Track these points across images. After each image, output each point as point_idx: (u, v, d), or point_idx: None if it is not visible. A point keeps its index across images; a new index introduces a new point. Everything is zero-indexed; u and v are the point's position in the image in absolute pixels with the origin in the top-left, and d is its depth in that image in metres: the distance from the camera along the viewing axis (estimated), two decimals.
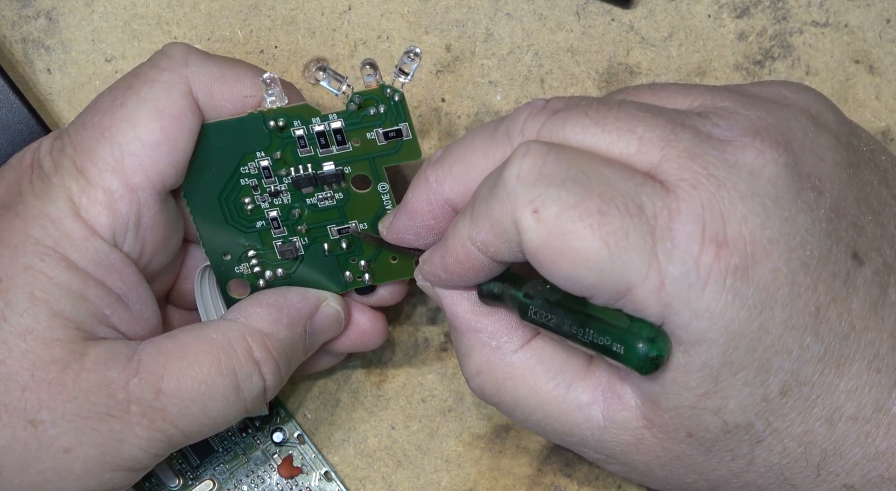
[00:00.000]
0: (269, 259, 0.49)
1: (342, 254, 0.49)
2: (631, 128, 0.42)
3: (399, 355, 0.54)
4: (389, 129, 0.46)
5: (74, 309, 0.45)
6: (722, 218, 0.41)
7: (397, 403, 0.54)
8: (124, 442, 0.45)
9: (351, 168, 0.47)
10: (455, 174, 0.45)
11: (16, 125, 0.52)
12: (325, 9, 0.54)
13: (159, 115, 0.45)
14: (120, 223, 0.45)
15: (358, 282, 0.49)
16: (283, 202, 0.48)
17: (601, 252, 0.41)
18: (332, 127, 0.46)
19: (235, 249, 0.49)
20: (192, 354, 0.46)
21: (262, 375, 0.47)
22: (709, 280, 0.41)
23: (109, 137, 0.45)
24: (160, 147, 0.45)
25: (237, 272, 0.49)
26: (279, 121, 0.46)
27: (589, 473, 0.53)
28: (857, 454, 0.43)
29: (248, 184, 0.48)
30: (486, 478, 0.53)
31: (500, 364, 0.45)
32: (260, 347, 0.47)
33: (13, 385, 0.44)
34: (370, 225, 0.48)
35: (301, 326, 0.48)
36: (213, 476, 0.52)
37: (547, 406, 0.45)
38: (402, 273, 0.49)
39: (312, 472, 0.53)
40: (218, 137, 0.47)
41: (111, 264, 0.46)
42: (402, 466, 0.53)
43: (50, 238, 0.45)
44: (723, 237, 0.41)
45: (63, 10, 0.54)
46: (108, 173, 0.45)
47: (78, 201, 0.45)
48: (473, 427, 0.53)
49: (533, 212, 0.41)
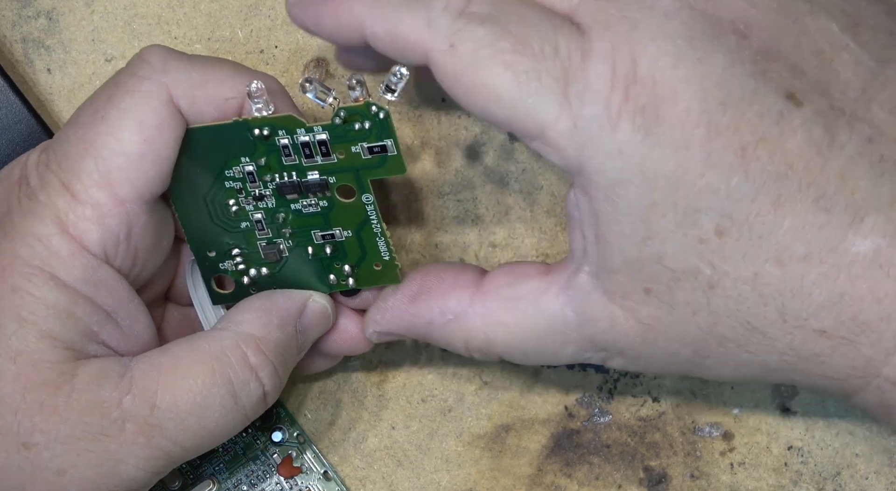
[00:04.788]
0: (253, 258, 0.49)
1: (326, 258, 0.49)
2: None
3: (399, 355, 0.54)
4: (374, 145, 0.46)
5: (64, 328, 0.45)
6: (632, 59, 0.41)
7: (397, 403, 0.54)
8: (121, 462, 0.45)
9: (335, 178, 0.47)
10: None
11: (16, 125, 0.52)
12: None
13: (141, 126, 0.45)
14: (110, 237, 0.45)
15: (342, 285, 0.49)
16: (268, 206, 0.48)
17: (513, 90, 0.42)
18: (317, 139, 0.46)
19: (220, 247, 0.49)
20: (184, 365, 0.46)
21: (260, 380, 0.47)
22: (619, 120, 0.41)
23: (93, 152, 0.45)
24: (145, 158, 0.45)
25: (222, 268, 0.49)
26: (264, 129, 0.46)
27: (589, 473, 0.53)
28: (821, 296, 0.42)
29: (232, 187, 0.47)
30: (486, 478, 0.53)
31: (469, 329, 0.47)
32: (254, 351, 0.47)
33: (5, 408, 0.44)
34: (354, 233, 0.48)
35: (291, 326, 0.48)
36: (213, 476, 0.52)
37: (532, 335, 0.46)
38: (386, 279, 0.49)
39: (312, 472, 0.53)
40: (203, 141, 0.46)
41: (100, 280, 0.45)
42: (402, 466, 0.53)
43: (37, 257, 0.45)
44: (632, 77, 0.41)
45: (63, 10, 0.54)
46: (94, 188, 0.45)
47: (65, 218, 0.45)
48: (473, 427, 0.53)
49: (450, 45, 0.42)
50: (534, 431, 0.53)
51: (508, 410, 0.53)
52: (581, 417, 0.53)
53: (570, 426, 0.53)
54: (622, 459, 0.53)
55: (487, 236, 0.53)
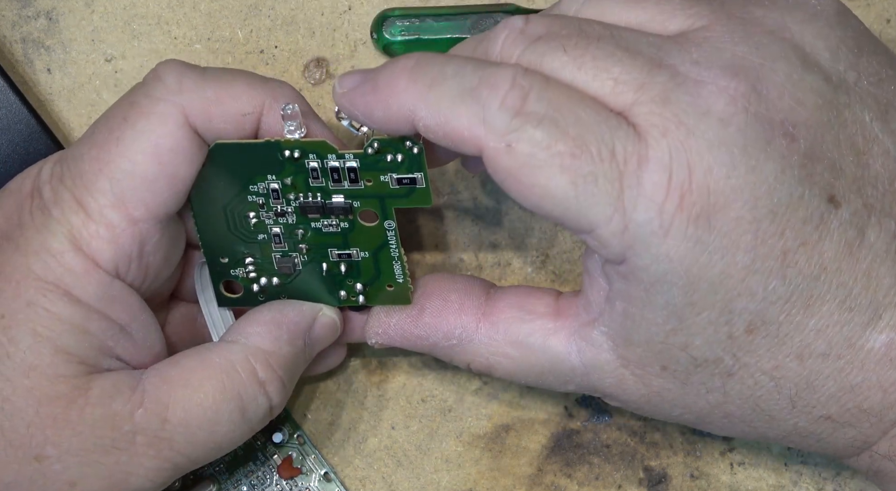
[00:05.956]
0: (266, 268, 0.49)
1: (340, 275, 0.49)
2: (607, 67, 0.42)
3: (399, 355, 0.54)
4: (404, 177, 0.47)
5: (78, 344, 0.45)
6: (688, 167, 0.41)
7: (397, 403, 0.54)
8: (131, 473, 0.45)
9: (360, 203, 0.47)
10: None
11: (16, 125, 0.52)
12: (325, 9, 0.54)
13: (157, 149, 0.45)
14: (123, 256, 0.45)
15: (352, 301, 0.49)
16: (288, 222, 0.48)
17: (568, 193, 0.42)
18: (347, 166, 0.46)
19: (234, 255, 0.49)
20: (196, 380, 0.46)
21: (268, 395, 0.47)
22: (671, 228, 0.41)
23: (108, 173, 0.45)
24: (159, 181, 0.45)
25: (233, 274, 0.49)
26: (295, 152, 0.46)
27: (589, 473, 0.53)
28: (832, 388, 0.43)
29: (255, 201, 0.47)
30: (486, 478, 0.53)
31: (473, 351, 0.47)
32: (264, 366, 0.47)
33: (18, 422, 0.45)
34: (371, 255, 0.48)
35: (301, 340, 0.48)
36: (213, 477, 0.52)
37: (535, 371, 0.47)
38: (398, 300, 0.49)
39: (312, 473, 0.53)
40: (232, 156, 0.47)
41: (113, 296, 0.46)
42: (402, 466, 0.53)
43: (52, 273, 0.45)
44: (687, 187, 0.41)
45: (63, 10, 0.54)
46: (108, 208, 0.45)
47: (79, 235, 0.45)
48: (473, 427, 0.53)
49: (506, 145, 0.42)
50: (534, 431, 0.53)
51: (508, 410, 0.53)
52: (581, 417, 0.53)
53: (570, 426, 0.53)
54: (622, 459, 0.53)
55: (488, 236, 0.53)
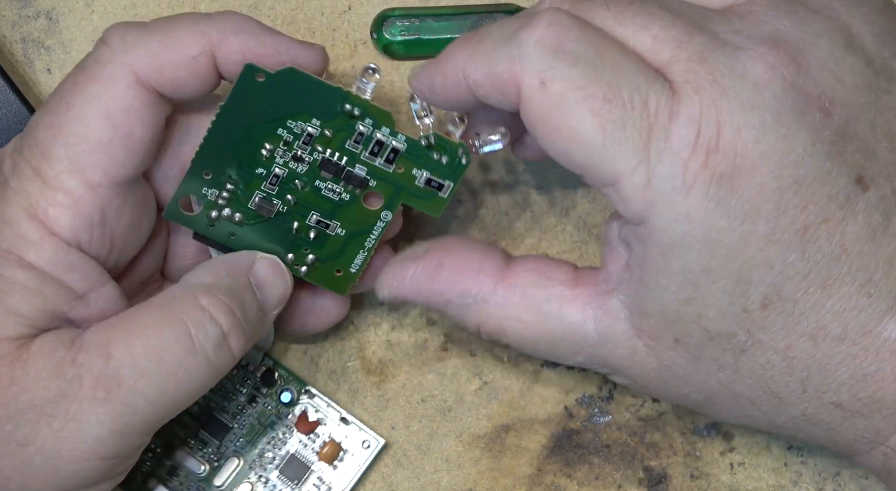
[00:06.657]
0: (239, 201, 0.48)
1: (303, 239, 0.49)
2: (647, 24, 0.43)
3: (399, 355, 0.54)
4: (434, 180, 0.47)
5: (30, 306, 0.45)
6: (717, 125, 0.41)
7: (397, 403, 0.54)
8: (83, 421, 0.44)
9: (376, 184, 0.47)
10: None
11: (16, 125, 0.52)
12: (325, 9, 0.54)
13: (109, 111, 0.45)
14: (83, 222, 0.45)
15: (294, 268, 0.49)
16: (297, 170, 0.48)
17: (595, 137, 0.42)
18: (394, 145, 0.47)
19: (219, 175, 0.48)
20: (135, 317, 0.46)
21: (215, 320, 0.46)
22: (693, 185, 0.41)
23: (62, 139, 0.45)
24: (114, 143, 0.45)
25: (203, 192, 0.48)
26: (356, 109, 0.46)
27: (589, 473, 0.53)
28: (844, 374, 0.43)
29: (281, 135, 0.47)
30: (486, 478, 0.53)
31: (487, 312, 0.47)
32: (205, 294, 0.46)
33: None
34: (346, 235, 0.48)
35: (243, 277, 0.48)
36: (237, 452, 0.53)
37: (547, 338, 0.46)
38: (336, 287, 0.49)
39: (330, 420, 0.53)
40: (293, 85, 0.46)
41: (71, 264, 0.46)
42: (402, 466, 0.53)
43: (6, 241, 0.45)
44: (714, 145, 0.41)
45: (63, 10, 0.54)
46: (65, 174, 0.45)
47: (36, 204, 0.45)
48: (473, 427, 0.53)
49: (540, 83, 0.42)
50: (534, 431, 0.53)
51: (508, 410, 0.53)
52: (581, 417, 0.53)
53: (570, 426, 0.53)
54: (622, 459, 0.53)
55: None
